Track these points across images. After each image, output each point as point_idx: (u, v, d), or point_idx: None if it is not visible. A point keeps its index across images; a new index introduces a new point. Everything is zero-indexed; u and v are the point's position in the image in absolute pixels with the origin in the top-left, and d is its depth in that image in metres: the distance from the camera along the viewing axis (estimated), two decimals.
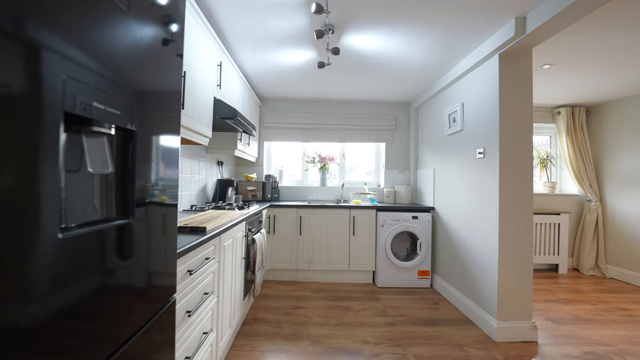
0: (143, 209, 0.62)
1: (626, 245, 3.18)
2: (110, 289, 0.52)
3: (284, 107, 3.54)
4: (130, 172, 0.55)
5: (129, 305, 0.58)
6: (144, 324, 0.64)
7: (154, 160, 0.67)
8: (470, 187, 2.26)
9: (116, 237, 0.53)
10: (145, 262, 0.64)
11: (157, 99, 0.69)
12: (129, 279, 0.58)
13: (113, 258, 0.53)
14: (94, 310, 0.48)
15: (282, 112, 3.51)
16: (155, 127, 0.68)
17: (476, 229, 2.16)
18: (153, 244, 0.68)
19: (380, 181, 3.70)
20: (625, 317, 2.35)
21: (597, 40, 2.00)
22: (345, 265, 2.89)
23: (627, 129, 3.18)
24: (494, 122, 1.97)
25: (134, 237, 0.59)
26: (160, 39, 0.70)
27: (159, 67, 0.70)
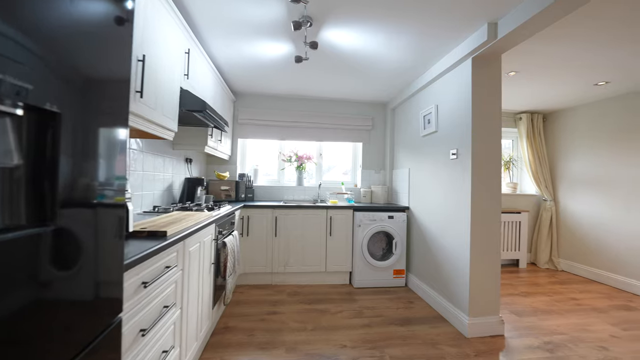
0: (72, 211, 0.50)
1: (575, 241, 3.49)
2: (28, 313, 0.40)
3: (260, 104, 3.40)
4: (49, 166, 0.43)
5: (55, 332, 0.46)
6: (78, 354, 0.52)
7: (90, 153, 0.55)
8: (443, 187, 2.31)
9: (31, 247, 0.41)
10: (75, 278, 0.52)
11: (97, 80, 0.57)
12: (53, 300, 0.46)
13: (27, 273, 0.41)
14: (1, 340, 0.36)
15: (257, 109, 3.36)
16: (93, 113, 0.56)
17: (449, 228, 2.22)
18: (86, 255, 0.56)
19: (357, 181, 3.70)
20: (576, 306, 2.56)
21: (556, 52, 2.14)
22: (322, 266, 2.83)
23: (578, 135, 3.49)
24: (467, 124, 2.02)
25: (59, 246, 0.47)
26: (104, 11, 0.58)
27: (101, 44, 0.58)
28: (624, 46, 2.04)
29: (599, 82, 2.73)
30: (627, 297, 2.82)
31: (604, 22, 1.73)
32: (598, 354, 1.82)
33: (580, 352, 1.84)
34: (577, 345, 1.92)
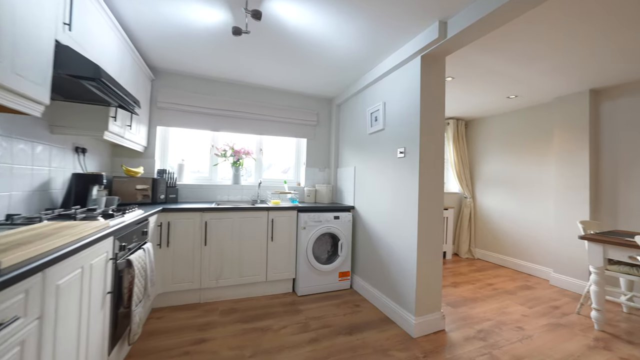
0: None
1: (487, 232, 4.02)
2: None
3: (187, 85, 2.84)
4: None
5: None
6: None
7: None
8: (391, 186, 2.28)
9: None
10: None
11: None
12: None
13: None
14: None
15: (184, 91, 2.80)
16: None
17: (396, 227, 2.19)
18: None
19: (300, 179, 3.48)
20: (493, 291, 2.89)
21: (485, 63, 2.32)
22: (262, 275, 2.51)
23: (491, 141, 4.02)
24: (415, 122, 2.01)
25: None
26: None
27: None
28: (531, 66, 2.36)
29: (511, 95, 3.15)
30: (525, 277, 3.35)
31: (520, 41, 1.92)
32: (517, 335, 2.03)
33: (505, 335, 2.01)
34: (501, 329, 2.11)
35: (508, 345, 1.89)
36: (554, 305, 2.58)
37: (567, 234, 3.00)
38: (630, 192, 2.68)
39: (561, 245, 3.05)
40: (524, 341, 1.95)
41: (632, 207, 2.66)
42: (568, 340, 1.99)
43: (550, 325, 2.21)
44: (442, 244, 2.10)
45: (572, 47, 2.05)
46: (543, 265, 3.34)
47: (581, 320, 2.31)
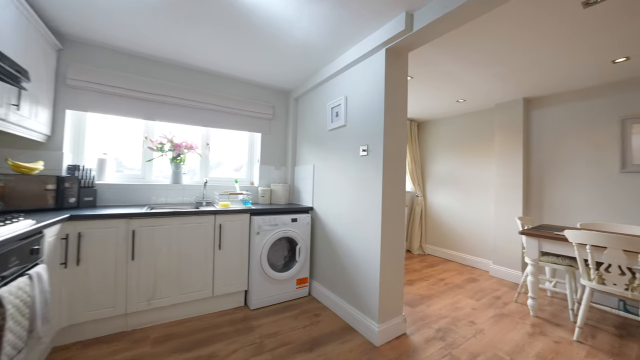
0: None
1: (436, 229, 4.25)
2: None
3: (112, 61, 2.29)
4: None
5: None
6: None
7: None
8: (352, 186, 2.15)
9: None
10: None
11: None
12: None
13: None
14: None
15: (107, 69, 2.25)
16: None
17: (358, 229, 2.07)
18: None
19: (254, 178, 3.16)
20: (445, 286, 3.01)
21: (442, 64, 2.35)
22: (208, 290, 2.15)
23: (440, 143, 4.24)
24: (379, 119, 1.90)
25: None
26: None
27: None
28: (480, 71, 2.48)
29: (460, 99, 3.32)
30: (470, 270, 3.60)
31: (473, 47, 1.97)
32: (471, 330, 2.09)
33: (460, 332, 2.05)
34: (457, 325, 2.15)
35: (465, 342, 1.92)
36: (496, 296, 2.78)
37: (504, 228, 3.29)
38: (554, 191, 3.03)
39: (499, 239, 3.34)
40: (478, 336, 2.01)
41: (555, 203, 3.02)
42: (512, 330, 2.12)
43: (496, 316, 2.34)
44: (404, 245, 2.05)
45: (511, 57, 2.19)
46: (484, 257, 3.63)
47: (519, 308, 2.52)
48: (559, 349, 1.89)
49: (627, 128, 2.59)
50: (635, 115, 2.54)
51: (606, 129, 2.70)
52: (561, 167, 2.99)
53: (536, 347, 1.90)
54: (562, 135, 2.99)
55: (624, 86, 2.60)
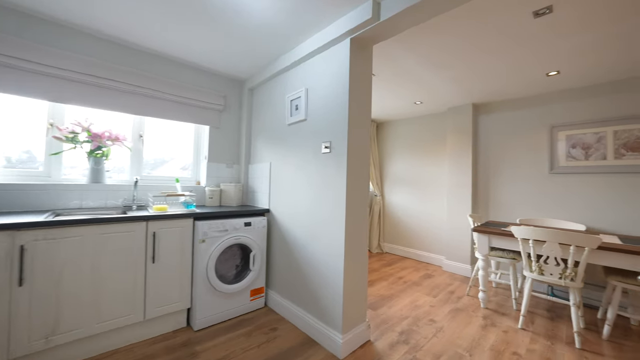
0: None
1: (394, 227, 4.33)
2: None
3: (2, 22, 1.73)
4: None
5: None
6: None
7: None
8: (313, 186, 1.97)
9: None
10: None
11: None
12: None
13: None
14: None
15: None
16: None
17: (320, 231, 1.90)
18: None
19: (200, 177, 2.77)
20: (404, 284, 3.04)
21: (405, 63, 2.33)
22: (138, 314, 1.75)
23: (398, 144, 4.34)
24: (342, 114, 1.75)
25: None
26: None
27: None
28: (438, 74, 2.53)
29: (417, 102, 3.40)
30: (425, 266, 3.73)
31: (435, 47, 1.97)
32: (432, 329, 2.08)
33: (422, 332, 2.03)
34: (418, 325, 2.13)
35: (427, 343, 1.89)
36: (450, 290, 2.89)
37: (456, 226, 3.47)
38: (497, 189, 3.29)
39: (451, 235, 3.52)
40: (438, 334, 2.00)
41: (498, 200, 3.27)
42: (468, 324, 2.17)
43: (452, 311, 2.40)
44: (367, 248, 1.95)
45: (466, 61, 2.26)
46: (438, 253, 3.80)
47: (471, 301, 2.63)
48: (508, 339, 1.98)
49: (554, 135, 2.91)
50: (561, 124, 2.86)
51: (539, 135, 3.00)
52: (503, 168, 3.25)
53: (489, 339, 1.96)
54: (504, 139, 3.26)
55: (554, 98, 2.92)
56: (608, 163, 2.59)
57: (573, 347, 1.90)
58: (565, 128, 2.84)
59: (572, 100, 2.80)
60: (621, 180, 2.53)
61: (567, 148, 2.82)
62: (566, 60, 2.21)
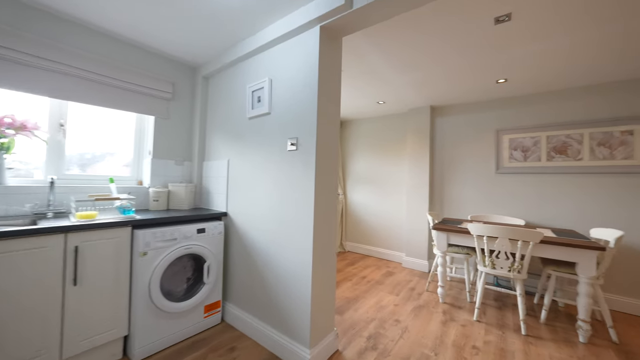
0: None
1: (356, 226, 4.35)
2: None
3: None
4: None
5: None
6: None
7: None
8: (278, 186, 1.79)
9: None
10: None
11: None
12: None
13: None
14: None
15: None
16: None
17: (285, 237, 1.73)
18: None
19: (143, 176, 2.37)
20: (367, 284, 3.04)
21: (372, 60, 2.28)
22: (52, 352, 1.38)
23: (360, 142, 4.35)
24: (311, 108, 1.61)
25: None
26: None
27: None
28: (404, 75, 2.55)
29: (380, 101, 3.42)
30: (386, 264, 3.81)
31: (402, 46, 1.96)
32: (398, 330, 2.08)
33: (389, 334, 2.01)
34: (385, 328, 2.11)
35: (395, 346, 1.87)
36: (411, 287, 2.97)
37: (415, 223, 3.60)
38: (451, 188, 3.49)
39: (410, 232, 3.64)
40: (404, 335, 2.00)
41: (452, 198, 3.48)
42: (430, 321, 2.23)
43: (414, 309, 2.45)
44: (335, 251, 1.85)
45: (428, 62, 2.31)
46: (397, 250, 3.91)
47: (430, 296, 2.74)
48: (466, 332, 2.07)
49: (500, 138, 3.18)
50: (505, 128, 3.14)
51: (487, 138, 3.26)
52: (456, 168, 3.46)
53: (451, 335, 2.03)
54: (457, 140, 3.46)
55: (500, 104, 3.19)
56: (541, 164, 2.91)
57: (520, 334, 2.07)
58: (508, 132, 3.12)
59: (515, 107, 3.08)
60: (551, 179, 2.86)
61: (510, 150, 3.10)
62: (514, 69, 2.40)
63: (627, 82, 2.54)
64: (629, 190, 2.51)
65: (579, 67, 2.33)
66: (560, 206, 2.81)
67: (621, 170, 2.53)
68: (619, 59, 2.16)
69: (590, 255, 1.96)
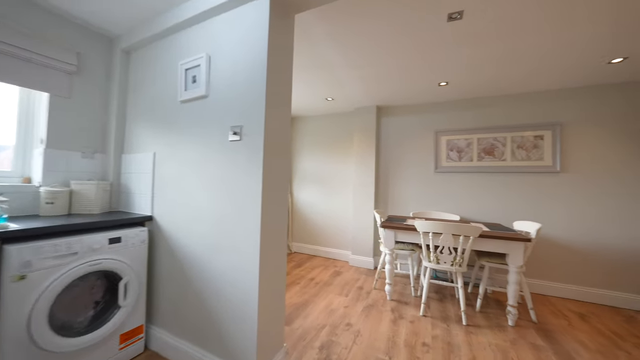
0: None
1: (302, 225, 4.22)
2: None
3: None
4: None
5: None
6: None
7: None
8: (217, 185, 1.52)
9: None
10: None
11: None
12: None
13: None
14: None
15: None
16: None
17: (227, 245, 1.47)
18: None
19: (32, 172, 1.80)
20: (315, 286, 2.92)
21: (322, 47, 2.15)
22: None
23: (307, 140, 4.23)
24: (259, 91, 1.39)
25: None
26: None
27: None
28: (355, 68, 2.50)
29: (329, 98, 3.34)
30: (333, 263, 3.76)
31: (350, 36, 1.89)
32: (350, 335, 1.99)
33: (342, 341, 1.91)
34: (337, 334, 2.00)
35: (349, 354, 1.77)
36: (359, 286, 2.96)
37: (361, 221, 3.63)
38: (395, 186, 3.62)
39: (357, 230, 3.66)
40: (357, 340, 1.93)
41: (396, 196, 3.61)
42: (380, 321, 2.21)
43: (364, 309, 2.42)
44: (286, 259, 1.66)
45: (378, 59, 2.31)
46: (344, 249, 3.90)
47: (378, 294, 2.76)
48: (415, 329, 2.11)
49: (438, 139, 3.41)
50: (443, 130, 3.38)
51: (427, 139, 3.46)
52: (400, 166, 3.60)
53: (401, 334, 2.03)
54: (401, 140, 3.61)
55: (440, 107, 3.42)
56: (473, 164, 3.21)
57: (461, 325, 2.19)
58: (446, 134, 3.36)
59: (452, 111, 3.34)
60: (481, 178, 3.18)
61: (447, 151, 3.35)
62: (456, 73, 2.55)
63: (537, 93, 2.96)
64: (540, 187, 2.92)
65: (504, 77, 2.60)
66: (488, 202, 3.13)
67: (535, 170, 2.93)
68: (534, 72, 2.47)
69: (519, 246, 2.18)
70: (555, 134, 2.88)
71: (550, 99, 2.92)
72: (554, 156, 2.88)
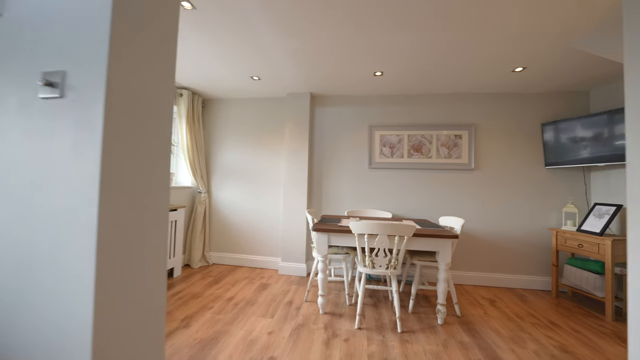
0: None
1: (222, 231, 3.53)
2: None
3: None
4: None
5: None
6: None
7: None
8: (17, 177, 0.81)
9: None
10: None
11: None
12: None
13: None
14: None
15: None
16: None
17: (30, 299, 0.78)
18: None
19: None
20: (234, 308, 2.34)
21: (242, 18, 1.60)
22: None
23: (230, 128, 3.53)
24: (97, 15, 0.76)
25: None
26: None
27: None
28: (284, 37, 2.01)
29: (255, 76, 2.76)
30: (260, 273, 3.22)
31: None
32: None
33: None
34: None
35: None
36: (288, 301, 2.52)
37: (292, 223, 3.19)
38: (329, 183, 3.32)
39: (287, 234, 3.21)
40: None
41: (330, 194, 3.31)
42: (311, 346, 1.81)
43: (293, 332, 1.98)
44: (166, 280, 1.07)
45: (308, 29, 1.90)
46: (273, 256, 3.40)
47: (310, 308, 2.37)
48: (350, 349, 1.79)
49: (372, 134, 3.25)
50: (377, 125, 3.23)
51: (361, 133, 3.27)
52: (334, 162, 3.31)
53: (335, 358, 1.68)
54: (335, 134, 3.32)
55: (374, 100, 3.25)
56: (404, 161, 3.16)
57: (396, 333, 1.99)
58: (379, 129, 3.23)
59: (386, 105, 3.22)
60: (410, 174, 3.15)
61: (380, 146, 3.22)
62: (391, 61, 2.35)
63: (458, 95, 3.08)
64: (459, 183, 3.04)
65: (434, 74, 2.55)
66: (416, 198, 3.12)
67: (455, 167, 3.04)
68: (455, 74, 2.48)
69: (448, 243, 2.10)
70: (471, 134, 3.03)
71: (467, 101, 3.07)
72: (469, 155, 3.04)
